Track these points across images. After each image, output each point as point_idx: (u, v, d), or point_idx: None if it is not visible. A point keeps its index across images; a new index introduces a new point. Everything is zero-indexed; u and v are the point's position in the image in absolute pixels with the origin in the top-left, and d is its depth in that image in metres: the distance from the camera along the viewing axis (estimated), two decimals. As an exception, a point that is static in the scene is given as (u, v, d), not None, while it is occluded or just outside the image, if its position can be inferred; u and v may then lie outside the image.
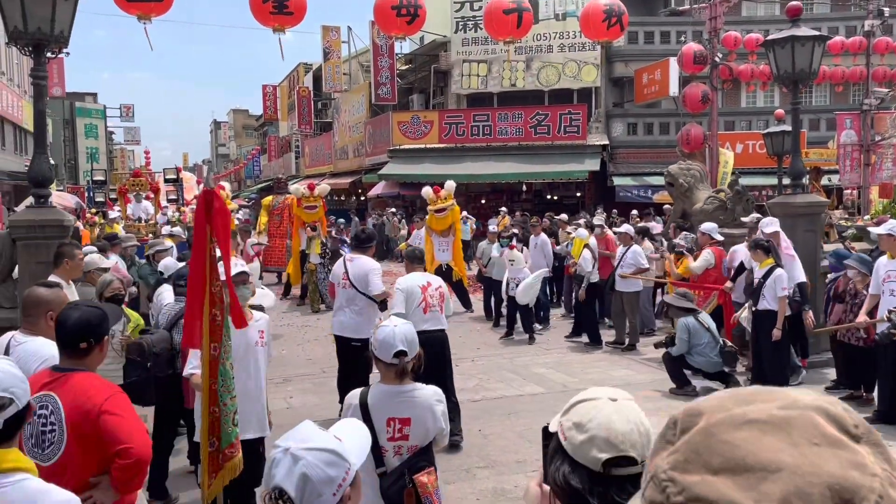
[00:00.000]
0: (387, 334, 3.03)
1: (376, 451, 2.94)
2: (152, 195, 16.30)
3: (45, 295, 3.42)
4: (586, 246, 10.86)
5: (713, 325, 7.89)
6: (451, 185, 12.81)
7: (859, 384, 7.16)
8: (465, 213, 20.33)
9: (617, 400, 1.50)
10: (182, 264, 6.76)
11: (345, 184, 30.63)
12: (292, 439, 1.54)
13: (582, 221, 12.56)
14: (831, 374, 8.04)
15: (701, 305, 8.32)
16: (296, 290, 14.45)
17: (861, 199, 15.83)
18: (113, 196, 23.37)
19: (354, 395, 3.10)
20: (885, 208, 12.93)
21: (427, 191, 12.94)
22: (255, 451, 4.15)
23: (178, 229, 12.72)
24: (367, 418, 2.96)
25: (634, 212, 17.38)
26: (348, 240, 19.58)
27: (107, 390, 2.69)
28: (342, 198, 33.64)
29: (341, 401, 5.88)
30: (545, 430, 1.64)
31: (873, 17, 15.76)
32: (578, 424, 1.49)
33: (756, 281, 7.15)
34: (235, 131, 79.64)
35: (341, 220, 20.90)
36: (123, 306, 5.38)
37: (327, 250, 13.47)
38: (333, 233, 19.93)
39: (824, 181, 17.47)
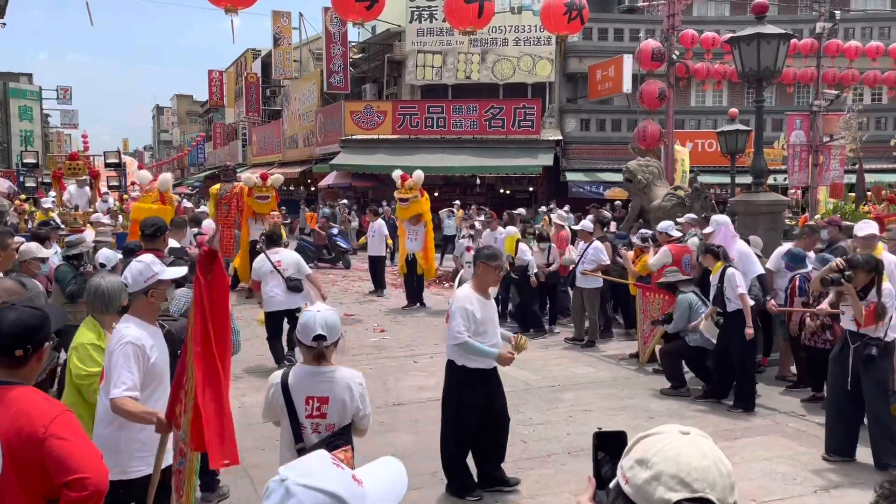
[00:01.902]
0: (309, 318, 3.23)
1: (296, 428, 3.19)
2: (91, 180, 15.47)
3: None
4: (519, 241, 10.79)
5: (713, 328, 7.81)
6: (418, 174, 12.59)
7: (822, 386, 7.16)
8: (454, 205, 20.12)
9: (689, 433, 1.26)
10: (120, 255, 6.31)
11: (294, 173, 29.95)
12: (294, 470, 1.26)
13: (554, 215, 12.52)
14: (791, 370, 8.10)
15: (665, 311, 8.22)
16: (244, 283, 13.92)
17: (808, 198, 16.19)
18: (47, 181, 22.22)
19: (276, 375, 3.32)
20: (836, 208, 13.17)
21: (396, 174, 12.72)
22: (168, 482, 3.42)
23: (102, 217, 12.08)
24: (287, 397, 3.20)
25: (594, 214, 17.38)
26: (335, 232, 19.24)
27: (51, 410, 2.28)
28: (291, 188, 32.90)
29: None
30: (596, 435, 1.40)
31: (824, 19, 16.10)
32: (642, 461, 1.24)
33: (716, 286, 7.10)
34: (179, 117, 77.54)
35: (282, 209, 20.34)
36: None
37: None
38: (318, 228, 19.44)
39: (770, 181, 17.80)
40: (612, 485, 1.33)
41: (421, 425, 6.55)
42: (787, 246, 7.79)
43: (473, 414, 4.95)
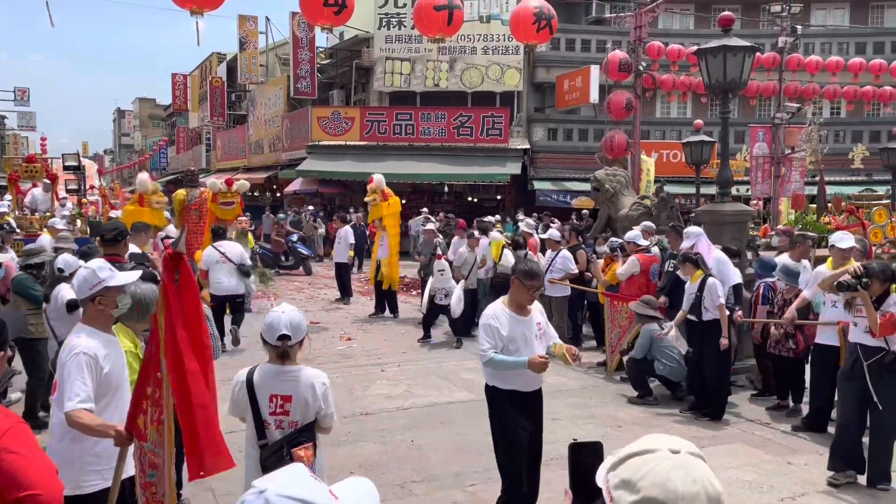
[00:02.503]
0: (274, 318, 3.32)
1: (259, 424, 3.29)
2: (49, 183, 15.06)
3: None
4: (505, 247, 10.80)
5: (680, 336, 7.85)
6: (378, 178, 12.49)
7: (787, 394, 7.24)
8: (422, 212, 19.94)
9: (679, 452, 1.20)
10: (81, 262, 6.10)
11: (259, 179, 29.61)
12: (273, 482, 1.22)
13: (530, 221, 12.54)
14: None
15: (633, 320, 8.25)
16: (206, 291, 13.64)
17: (771, 209, 16.49)
18: (2, 184, 21.59)
19: (242, 373, 3.40)
20: (797, 219, 13.41)
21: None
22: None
23: (58, 222, 11.75)
24: (251, 394, 3.31)
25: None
26: (295, 238, 19.05)
27: (3, 422, 2.14)
28: (256, 193, 32.47)
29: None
30: (572, 446, 1.34)
31: (786, 34, 16.45)
32: (628, 482, 1.19)
33: (693, 295, 7.11)
34: (141, 121, 76.28)
35: (247, 214, 20.05)
36: None
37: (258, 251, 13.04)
38: (274, 234, 19.18)
39: (733, 191, 18.08)
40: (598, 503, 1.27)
41: (388, 435, 6.45)
42: (783, 257, 7.87)
43: (520, 436, 4.52)
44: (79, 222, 14.29)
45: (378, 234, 12.61)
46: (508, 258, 10.45)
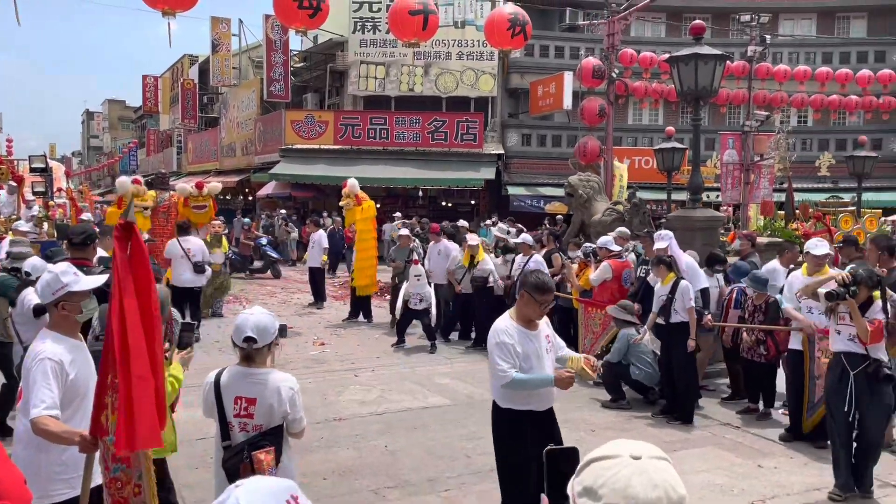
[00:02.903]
0: (241, 320, 3.32)
1: (224, 425, 3.28)
2: (15, 185, 14.75)
3: None
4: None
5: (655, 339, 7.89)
6: (351, 182, 12.45)
7: (758, 398, 7.33)
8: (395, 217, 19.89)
9: (641, 458, 1.19)
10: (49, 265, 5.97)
11: (232, 182, 29.31)
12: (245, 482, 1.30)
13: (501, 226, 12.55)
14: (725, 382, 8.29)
15: (606, 326, 8.30)
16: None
17: (740, 215, 16.74)
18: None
19: (212, 374, 3.40)
20: (766, 225, 13.62)
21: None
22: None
23: (23, 225, 11.51)
24: (217, 394, 3.30)
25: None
26: (265, 241, 18.90)
27: None
28: (228, 197, 32.17)
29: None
30: (548, 452, 1.34)
31: (755, 43, 16.74)
32: (590, 490, 1.18)
33: (664, 297, 7.17)
34: (111, 123, 75.12)
35: (220, 218, 19.83)
36: None
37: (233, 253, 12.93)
38: (242, 237, 19.00)
39: (703, 198, 18.33)
40: None
41: (362, 441, 6.41)
42: (773, 263, 7.97)
43: (529, 469, 4.05)
44: (45, 225, 14.00)
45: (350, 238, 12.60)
46: (488, 263, 10.44)
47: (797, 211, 14.14)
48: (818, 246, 6.39)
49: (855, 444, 5.31)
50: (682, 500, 1.18)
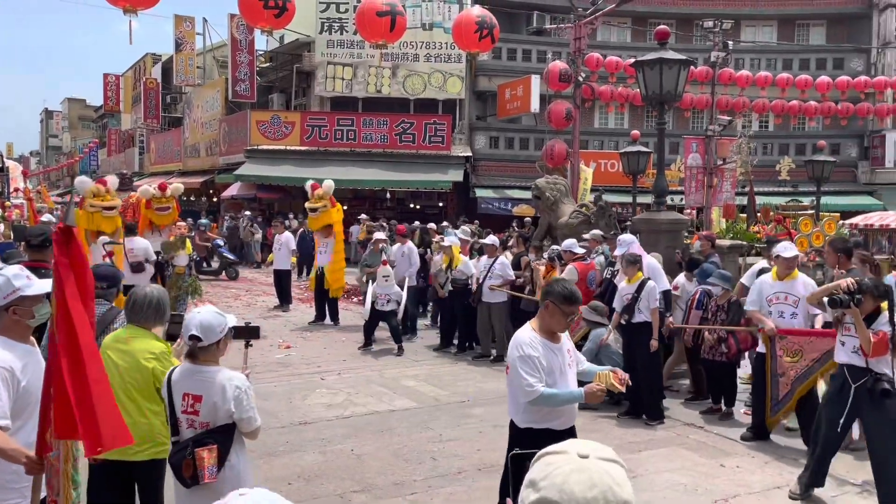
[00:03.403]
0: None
1: (173, 421, 3.35)
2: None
3: None
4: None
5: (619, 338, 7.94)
6: (328, 184, 12.39)
7: (720, 398, 7.44)
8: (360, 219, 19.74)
9: (588, 457, 1.20)
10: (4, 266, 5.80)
11: (196, 183, 28.91)
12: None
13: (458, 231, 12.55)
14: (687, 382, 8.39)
15: (575, 329, 8.34)
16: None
17: (703, 218, 16.99)
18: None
19: (168, 372, 3.48)
20: (728, 228, 13.85)
21: (309, 185, 12.48)
22: None
23: None
24: (169, 390, 3.37)
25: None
26: (221, 242, 18.69)
27: None
28: (192, 198, 31.72)
29: None
30: (513, 457, 1.34)
31: (718, 49, 17.04)
32: (533, 482, 1.21)
33: (630, 295, 7.23)
34: (70, 122, 73.52)
35: (190, 220, 19.57)
36: None
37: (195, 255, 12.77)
38: (197, 239, 18.71)
39: (668, 201, 18.57)
40: None
41: (328, 445, 6.34)
42: (762, 263, 8.07)
43: None
44: (2, 226, 13.64)
45: (316, 240, 12.49)
46: (468, 267, 10.38)
47: (759, 214, 14.40)
48: (787, 249, 6.45)
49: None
50: (620, 503, 1.18)
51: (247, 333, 3.92)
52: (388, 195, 26.13)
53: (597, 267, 9.20)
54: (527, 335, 3.86)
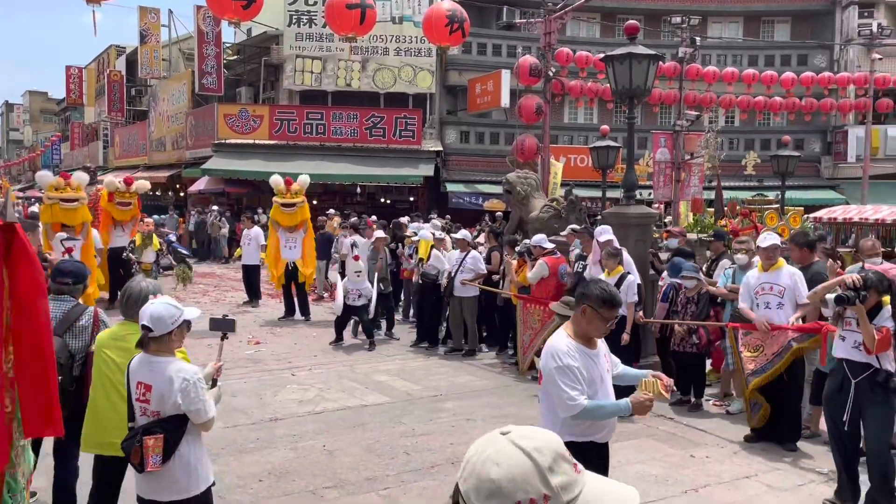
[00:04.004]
0: (142, 309, 3.42)
1: (130, 407, 3.44)
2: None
3: None
4: (432, 247, 10.76)
5: None
6: (304, 179, 12.30)
7: (689, 390, 7.52)
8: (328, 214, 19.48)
9: (507, 433, 1.29)
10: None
11: (162, 177, 28.44)
12: None
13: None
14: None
15: (545, 322, 8.37)
16: (105, 293, 12.96)
17: (672, 212, 17.20)
18: None
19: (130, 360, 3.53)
20: (696, 222, 14.02)
21: (276, 180, 12.30)
22: None
23: None
24: (127, 378, 3.45)
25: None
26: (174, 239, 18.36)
27: None
28: (158, 192, 31.17)
29: None
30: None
31: (686, 45, 17.22)
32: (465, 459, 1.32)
33: None
34: (32, 115, 71.81)
35: (154, 217, 19.23)
36: None
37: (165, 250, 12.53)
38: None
39: (637, 195, 18.74)
40: None
41: (299, 441, 6.28)
42: (726, 262, 8.15)
43: None
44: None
45: (275, 236, 12.31)
46: (440, 261, 10.31)
47: (726, 208, 14.59)
48: (765, 238, 6.38)
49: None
50: (490, 481, 1.21)
51: (222, 326, 4.01)
52: (359, 190, 25.97)
53: (565, 259, 9.23)
54: (563, 343, 3.51)
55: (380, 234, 11.45)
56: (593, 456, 3.54)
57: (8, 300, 2.65)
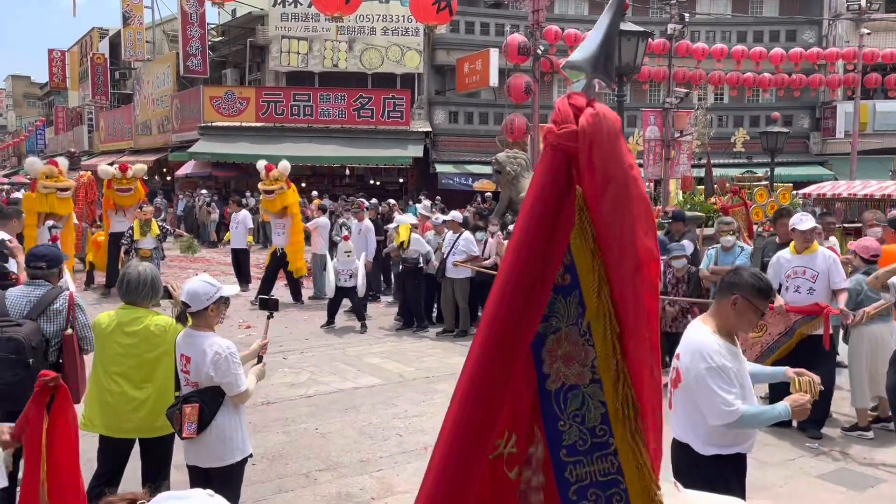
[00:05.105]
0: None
1: (177, 377, 3.69)
2: None
3: None
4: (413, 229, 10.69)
5: None
6: (284, 165, 12.14)
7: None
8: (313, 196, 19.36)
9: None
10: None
11: (148, 161, 28.02)
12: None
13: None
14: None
15: None
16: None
17: (661, 191, 17.17)
18: None
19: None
20: (686, 200, 14.01)
21: (261, 165, 12.18)
22: None
23: None
24: (175, 350, 3.70)
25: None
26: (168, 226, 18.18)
27: None
28: (145, 177, 30.92)
29: None
30: None
31: (675, 21, 17.09)
32: None
33: None
34: (15, 100, 70.95)
35: (156, 202, 19.04)
36: None
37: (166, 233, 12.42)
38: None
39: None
40: None
41: (291, 424, 6.27)
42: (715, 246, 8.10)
43: None
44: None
45: (266, 218, 12.27)
46: (421, 244, 10.25)
47: (716, 186, 14.57)
48: (803, 221, 5.96)
49: None
50: None
51: (268, 306, 4.58)
52: (348, 172, 25.83)
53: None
54: (712, 340, 3.01)
55: (456, 215, 10.62)
56: (739, 469, 3.15)
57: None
